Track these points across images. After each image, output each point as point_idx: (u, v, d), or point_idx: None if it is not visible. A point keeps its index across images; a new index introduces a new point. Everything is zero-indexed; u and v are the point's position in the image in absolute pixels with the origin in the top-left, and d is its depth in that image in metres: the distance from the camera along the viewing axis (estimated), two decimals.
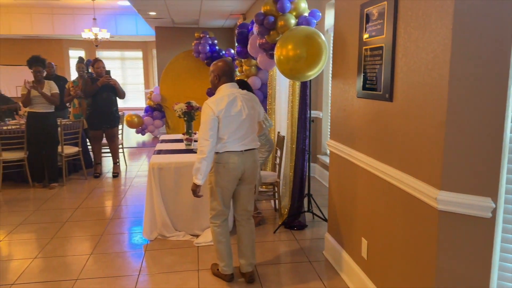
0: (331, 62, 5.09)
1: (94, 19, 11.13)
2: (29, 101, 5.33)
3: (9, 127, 5.62)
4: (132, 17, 12.05)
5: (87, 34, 11.18)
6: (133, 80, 15.63)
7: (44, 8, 11.61)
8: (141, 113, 10.37)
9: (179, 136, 5.46)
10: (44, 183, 5.66)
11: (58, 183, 5.72)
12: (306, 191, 4.18)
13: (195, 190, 2.89)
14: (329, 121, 5.80)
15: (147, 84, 15.56)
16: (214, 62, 3.04)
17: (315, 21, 3.74)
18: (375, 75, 2.60)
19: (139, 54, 15.48)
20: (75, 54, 13.98)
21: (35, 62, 5.42)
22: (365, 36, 2.73)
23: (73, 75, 13.45)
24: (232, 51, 8.89)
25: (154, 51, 14.12)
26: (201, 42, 8.64)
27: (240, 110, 2.90)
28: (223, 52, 8.84)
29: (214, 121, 2.82)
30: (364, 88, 2.76)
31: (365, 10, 2.72)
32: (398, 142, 2.36)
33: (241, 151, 2.93)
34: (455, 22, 1.84)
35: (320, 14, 3.89)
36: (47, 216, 4.55)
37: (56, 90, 5.53)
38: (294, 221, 4.12)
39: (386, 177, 2.48)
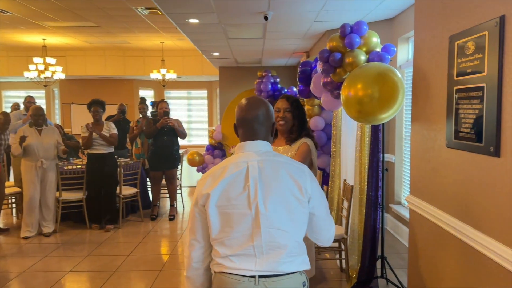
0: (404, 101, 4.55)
1: (163, 60, 11.50)
2: (90, 143, 5.34)
3: (71, 167, 5.66)
4: (198, 58, 12.33)
5: (155, 75, 11.56)
6: (198, 118, 15.91)
7: (117, 50, 12.25)
8: (203, 151, 10.31)
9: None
10: (101, 225, 5.57)
11: (114, 225, 5.60)
12: (379, 252, 3.58)
13: None
14: (404, 166, 5.16)
15: (210, 122, 15.74)
16: None
17: (389, 56, 3.28)
18: (472, 122, 2.07)
19: (204, 93, 15.80)
20: (145, 94, 14.56)
21: (94, 104, 5.50)
22: (457, 73, 2.22)
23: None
24: (295, 89, 8.60)
25: (218, 90, 14.33)
26: (263, 80, 8.47)
27: (245, 196, 1.58)
28: (285, 90, 8.58)
29: (196, 215, 1.66)
30: (456, 137, 2.23)
31: (456, 42, 2.23)
32: (506, 209, 1.79)
33: (252, 277, 1.58)
34: None
35: (395, 48, 3.43)
36: (97, 263, 4.36)
37: (114, 131, 5.51)
38: (364, 287, 3.51)
39: (487, 251, 1.90)
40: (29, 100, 6.47)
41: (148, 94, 14.49)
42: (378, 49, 3.39)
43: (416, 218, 2.80)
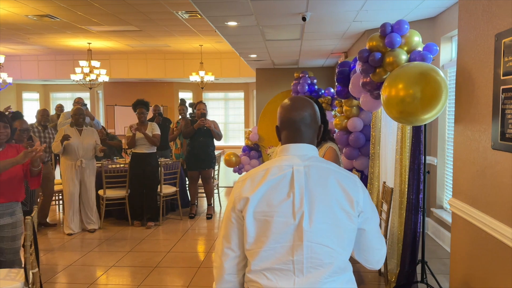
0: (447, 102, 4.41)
1: (201, 63, 11.72)
2: (134, 143, 5.53)
3: (114, 166, 5.88)
4: (235, 60, 12.47)
5: (194, 77, 11.80)
6: (234, 120, 16.08)
7: (158, 53, 12.61)
8: (240, 152, 10.41)
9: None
10: (143, 222, 5.75)
11: (155, 223, 5.77)
12: (419, 256, 3.49)
13: None
14: (446, 169, 5.00)
15: (246, 124, 15.86)
16: None
17: (431, 56, 3.20)
18: None
19: (241, 95, 15.95)
20: (184, 96, 14.88)
21: (139, 105, 5.67)
22: (503, 72, 2.15)
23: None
24: (332, 90, 8.51)
25: (255, 92, 14.42)
26: (300, 82, 8.44)
27: (289, 204, 1.42)
28: (322, 91, 8.52)
29: (232, 220, 1.49)
30: (502, 138, 2.15)
31: (503, 40, 2.15)
32: None
33: None
34: None
35: (438, 48, 3.34)
36: (139, 259, 4.51)
37: (157, 131, 5.68)
38: None
39: None
40: (78, 101, 6.78)
41: (187, 96, 14.81)
42: (420, 49, 3.31)
43: (459, 222, 2.72)
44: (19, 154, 2.98)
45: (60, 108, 8.09)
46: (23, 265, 3.12)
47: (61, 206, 6.65)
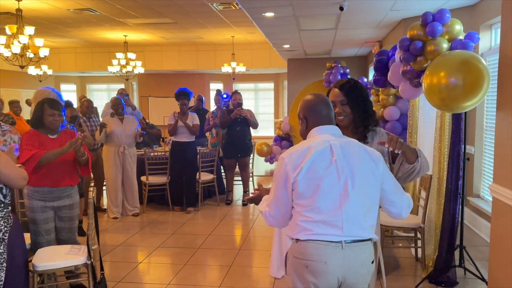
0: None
1: (233, 54, 11.89)
2: (175, 130, 5.77)
3: (156, 154, 6.15)
4: (266, 51, 12.57)
5: (226, 68, 11.98)
6: (264, 110, 16.20)
7: (191, 45, 12.86)
8: (270, 142, 10.55)
9: None
10: (182, 207, 6.00)
11: (194, 208, 6.01)
12: (457, 242, 3.56)
13: None
14: (484, 158, 4.99)
15: (276, 114, 15.96)
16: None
17: (473, 44, 3.24)
18: None
19: (271, 85, 16.04)
20: (214, 87, 15.11)
21: (181, 95, 5.88)
22: None
23: (212, 105, 14.54)
24: (365, 79, 8.50)
25: (285, 82, 14.46)
26: (333, 71, 8.47)
27: (333, 169, 1.79)
28: None
29: (285, 186, 1.83)
30: None
31: None
32: None
33: (339, 242, 1.77)
34: None
35: (479, 36, 3.36)
36: (182, 241, 4.75)
37: (197, 121, 5.90)
38: (441, 275, 3.51)
39: None
40: (121, 92, 7.06)
41: (218, 87, 15.03)
42: (461, 37, 3.35)
43: (499, 206, 2.78)
44: (65, 144, 3.19)
45: (82, 97, 8.10)
46: (78, 243, 3.40)
47: (105, 191, 6.99)
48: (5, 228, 2.41)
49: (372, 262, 1.85)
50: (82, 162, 3.34)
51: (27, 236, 3.07)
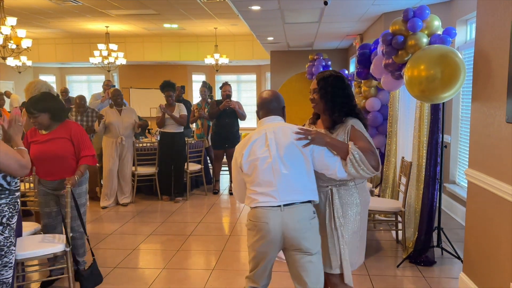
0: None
1: (216, 45, 11.94)
2: (163, 122, 5.86)
3: (143, 145, 6.23)
4: (249, 43, 12.67)
5: (209, 60, 12.03)
6: (246, 101, 16.31)
7: (173, 36, 12.83)
8: None
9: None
10: (171, 197, 6.12)
11: (182, 198, 6.14)
12: (435, 224, 3.82)
13: None
14: (459, 146, 5.29)
15: None
16: None
17: (450, 39, 3.46)
18: None
19: (253, 77, 16.16)
20: (197, 78, 15.13)
21: (166, 87, 5.97)
22: None
23: (195, 96, 14.54)
24: (346, 71, 8.73)
25: (267, 74, 14.60)
26: (315, 64, 8.67)
27: (266, 151, 2.27)
28: None
29: (237, 169, 2.37)
30: None
31: None
32: None
33: (278, 206, 2.23)
34: None
35: (456, 31, 3.59)
36: (173, 228, 4.89)
37: (184, 112, 6.00)
38: (420, 256, 3.77)
39: None
40: (107, 83, 7.07)
41: (200, 79, 15.04)
42: (440, 32, 3.57)
43: (475, 189, 3.02)
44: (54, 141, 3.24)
45: (64, 90, 7.96)
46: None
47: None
48: (10, 214, 2.48)
49: (313, 218, 2.28)
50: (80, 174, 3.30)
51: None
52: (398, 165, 4.65)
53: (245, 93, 16.31)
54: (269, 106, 2.42)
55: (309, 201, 2.28)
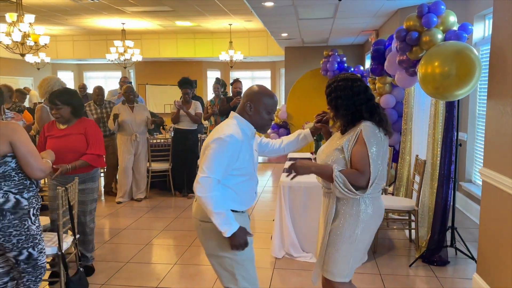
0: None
1: (231, 42, 11.95)
2: (177, 118, 5.91)
3: (157, 141, 6.29)
4: (263, 39, 12.65)
5: (223, 56, 12.05)
6: None
7: (188, 33, 12.90)
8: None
9: (307, 154, 5.45)
10: (184, 193, 6.17)
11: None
12: (449, 223, 3.76)
13: None
14: (475, 144, 5.19)
15: None
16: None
17: (466, 35, 3.39)
18: None
19: (267, 73, 16.12)
20: (211, 75, 15.18)
21: (184, 84, 6.00)
22: None
23: (209, 92, 14.61)
24: (362, 67, 8.64)
25: (282, 70, 14.55)
26: (330, 60, 8.60)
27: None
28: (352, 69, 8.66)
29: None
30: None
31: None
32: None
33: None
34: None
35: (472, 27, 3.52)
36: (185, 224, 4.93)
37: (200, 110, 6.03)
38: (433, 255, 3.72)
39: None
40: (124, 80, 7.15)
41: (215, 75, 15.10)
42: (455, 28, 3.50)
43: (490, 189, 2.96)
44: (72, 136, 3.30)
45: (83, 87, 7.97)
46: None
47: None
48: (37, 205, 2.59)
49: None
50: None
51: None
52: (412, 163, 4.59)
53: None
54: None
55: None
